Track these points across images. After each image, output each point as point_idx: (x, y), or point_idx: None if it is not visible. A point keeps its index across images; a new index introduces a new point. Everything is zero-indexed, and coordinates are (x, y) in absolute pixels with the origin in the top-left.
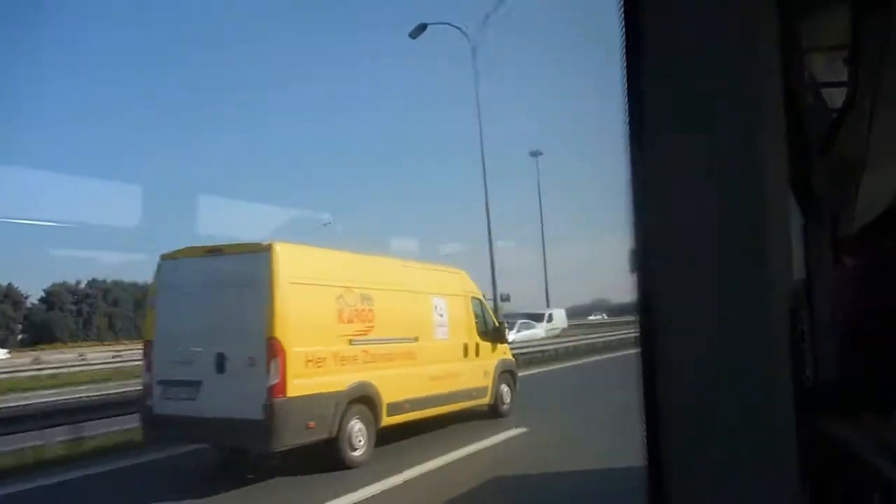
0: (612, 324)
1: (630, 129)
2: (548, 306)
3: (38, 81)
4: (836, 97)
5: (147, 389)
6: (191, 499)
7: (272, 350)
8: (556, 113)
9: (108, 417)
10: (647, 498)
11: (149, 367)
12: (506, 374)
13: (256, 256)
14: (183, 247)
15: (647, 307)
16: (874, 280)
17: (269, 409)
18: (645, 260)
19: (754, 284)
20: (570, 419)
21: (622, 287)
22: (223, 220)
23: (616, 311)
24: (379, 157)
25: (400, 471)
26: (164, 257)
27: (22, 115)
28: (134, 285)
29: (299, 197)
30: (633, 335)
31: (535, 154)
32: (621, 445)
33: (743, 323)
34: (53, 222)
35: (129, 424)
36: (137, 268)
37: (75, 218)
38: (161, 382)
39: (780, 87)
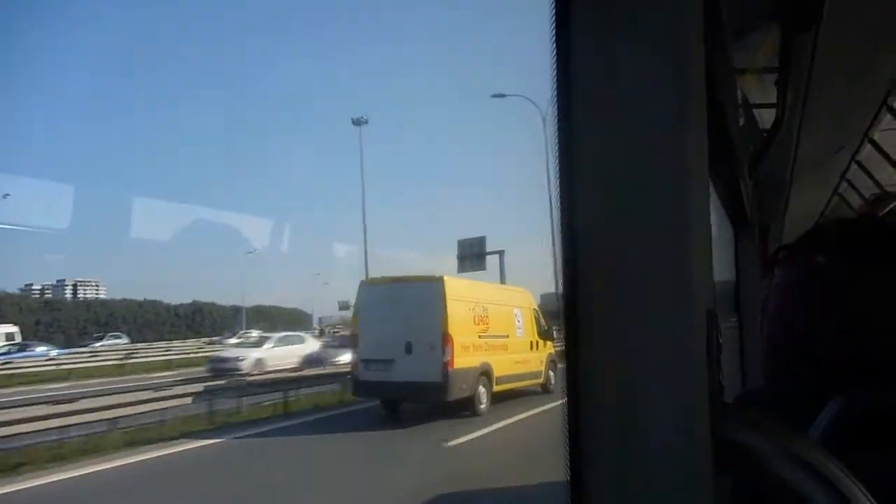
0: None
1: (558, 142)
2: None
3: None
4: (766, 117)
5: (355, 365)
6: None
7: (445, 339)
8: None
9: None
10: None
11: (355, 351)
12: (552, 362)
13: (432, 283)
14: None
15: (570, 321)
16: (801, 293)
17: (444, 375)
18: (568, 276)
19: (675, 296)
20: None
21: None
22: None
23: None
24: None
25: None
26: (363, 283)
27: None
28: None
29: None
30: None
31: (358, 122)
32: None
33: (662, 341)
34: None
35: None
36: None
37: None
38: (364, 360)
39: (703, 104)
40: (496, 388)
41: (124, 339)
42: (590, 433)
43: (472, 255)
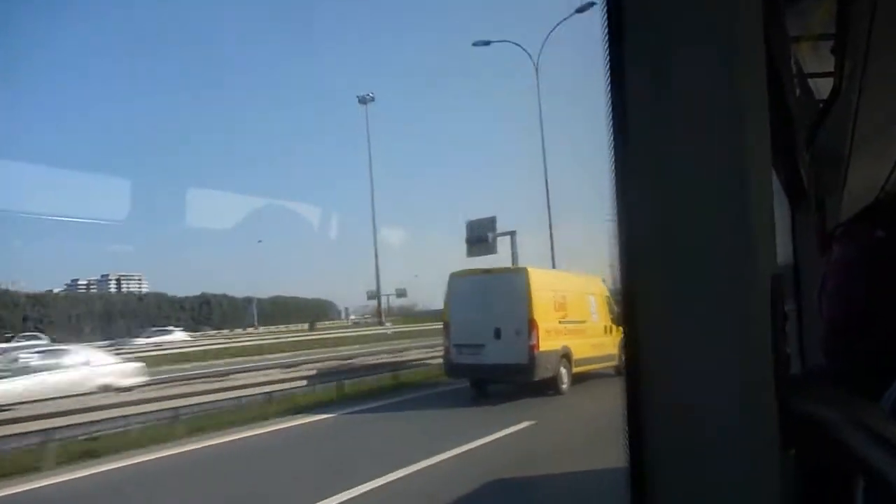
0: None
1: (613, 120)
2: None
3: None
4: (822, 87)
5: (447, 350)
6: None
7: (531, 325)
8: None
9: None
10: (630, 496)
11: (448, 336)
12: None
13: (518, 274)
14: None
15: (631, 298)
16: (860, 269)
17: (531, 357)
18: (628, 252)
19: (737, 273)
20: None
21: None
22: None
23: None
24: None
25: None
26: (453, 274)
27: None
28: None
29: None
30: None
31: (364, 100)
32: None
33: (725, 311)
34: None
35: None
36: None
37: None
38: (456, 345)
39: (763, 75)
40: (575, 370)
41: (44, 340)
42: (650, 409)
43: (483, 237)
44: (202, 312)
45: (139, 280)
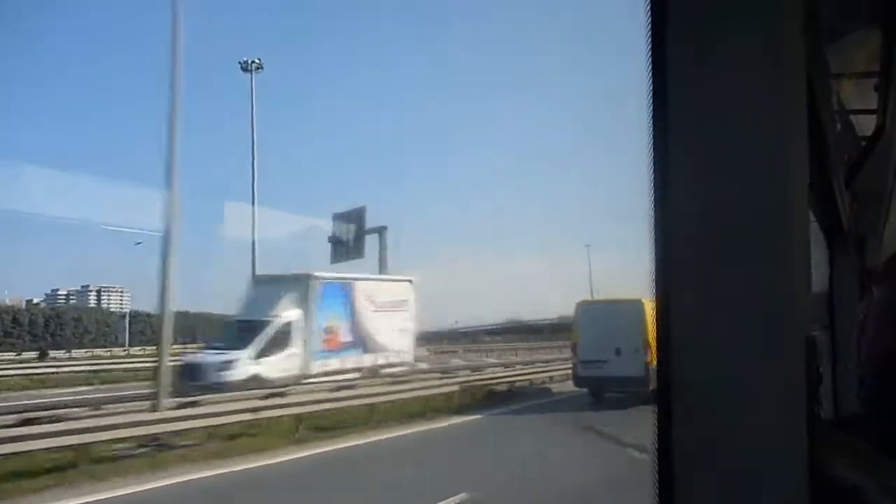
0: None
1: (654, 151)
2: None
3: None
4: (864, 124)
5: (575, 366)
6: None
7: (646, 345)
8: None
9: None
10: None
11: (575, 354)
12: None
13: (635, 303)
14: None
15: (666, 335)
16: None
17: (646, 371)
18: (664, 283)
19: (772, 334)
20: None
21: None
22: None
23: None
24: None
25: None
26: (579, 303)
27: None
28: None
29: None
30: None
31: (248, 68)
32: None
33: (760, 372)
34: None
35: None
36: None
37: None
38: (582, 361)
39: (804, 111)
40: None
41: None
42: (681, 459)
43: (349, 237)
44: (49, 329)
45: (121, 292)
